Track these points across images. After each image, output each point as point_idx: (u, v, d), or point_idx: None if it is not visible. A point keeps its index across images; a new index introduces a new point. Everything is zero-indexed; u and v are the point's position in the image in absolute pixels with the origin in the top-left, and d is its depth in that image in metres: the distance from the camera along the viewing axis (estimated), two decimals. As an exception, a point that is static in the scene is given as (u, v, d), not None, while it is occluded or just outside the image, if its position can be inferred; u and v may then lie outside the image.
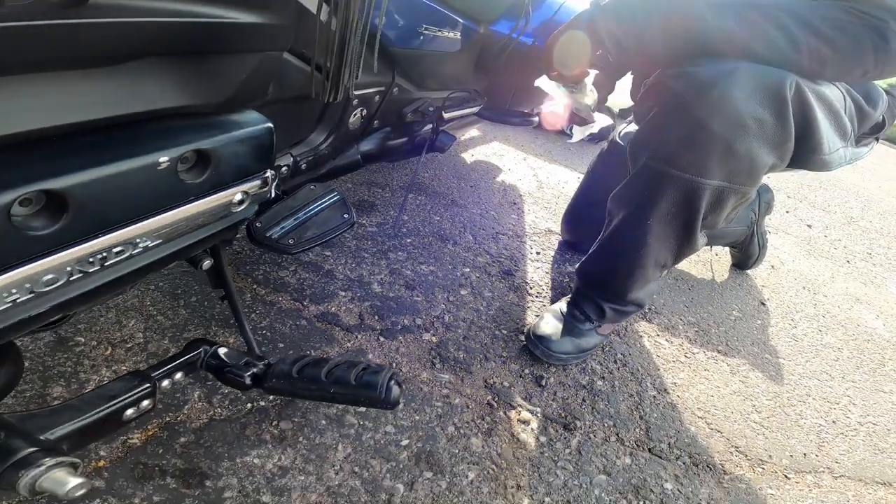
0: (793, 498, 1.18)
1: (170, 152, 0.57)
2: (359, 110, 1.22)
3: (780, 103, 1.02)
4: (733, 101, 1.00)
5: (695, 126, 1.04)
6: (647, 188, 1.16)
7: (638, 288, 1.32)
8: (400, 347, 1.29)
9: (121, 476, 0.89)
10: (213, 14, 0.54)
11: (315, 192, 1.05)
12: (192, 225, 0.66)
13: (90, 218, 0.53)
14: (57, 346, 1.08)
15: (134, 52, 0.51)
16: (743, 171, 1.08)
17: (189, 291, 1.29)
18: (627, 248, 1.26)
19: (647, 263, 1.25)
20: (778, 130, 1.05)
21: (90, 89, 0.50)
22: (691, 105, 1.04)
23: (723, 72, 1.02)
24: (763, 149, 1.06)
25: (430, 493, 0.99)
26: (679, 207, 1.14)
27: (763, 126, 1.03)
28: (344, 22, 0.80)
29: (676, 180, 1.10)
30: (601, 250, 1.34)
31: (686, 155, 1.08)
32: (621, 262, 1.29)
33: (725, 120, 1.02)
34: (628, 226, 1.23)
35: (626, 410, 1.28)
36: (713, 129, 1.02)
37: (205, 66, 0.60)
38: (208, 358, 0.86)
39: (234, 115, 0.69)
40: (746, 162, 1.07)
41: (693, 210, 1.14)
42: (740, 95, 1.00)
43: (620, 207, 1.25)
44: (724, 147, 1.04)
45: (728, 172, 1.08)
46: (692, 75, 1.05)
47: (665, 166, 1.11)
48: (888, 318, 2.18)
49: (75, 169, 0.50)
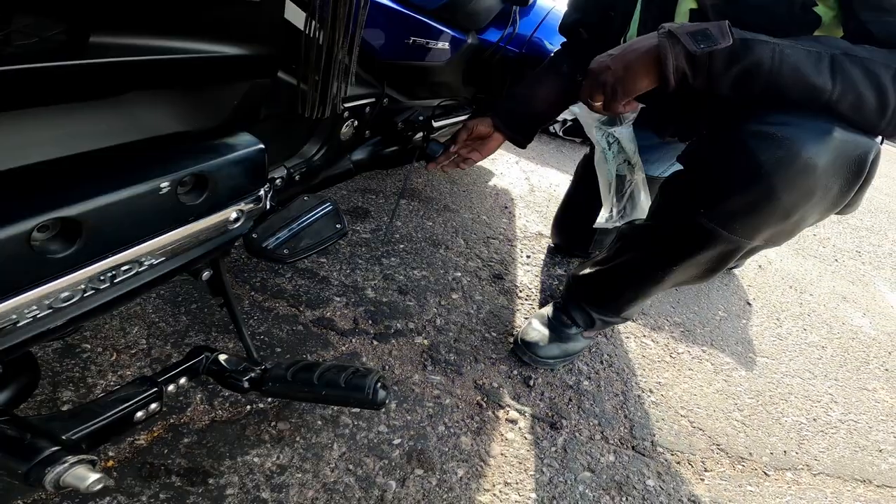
0: (771, 495, 1.22)
1: (170, 177, 0.62)
2: (350, 122, 1.26)
3: (857, 174, 0.94)
4: (816, 172, 0.91)
5: (765, 195, 0.94)
6: (685, 241, 1.10)
7: (634, 307, 1.36)
8: (393, 350, 1.34)
9: (129, 475, 0.94)
10: (204, 50, 0.59)
11: (308, 203, 1.10)
12: (192, 242, 0.71)
13: (101, 240, 0.58)
14: (65, 353, 1.12)
15: (132, 85, 0.56)
16: (785, 234, 1.04)
17: (189, 299, 1.33)
18: (640, 282, 1.25)
19: (653, 294, 1.28)
20: (838, 198, 0.98)
21: (94, 121, 0.55)
22: (769, 174, 0.92)
23: (813, 135, 0.90)
24: (814, 214, 1.00)
25: (421, 490, 1.04)
26: (711, 261, 1.11)
27: (827, 194, 0.95)
28: (330, 38, 0.85)
29: (723, 241, 1.04)
30: (608, 272, 1.31)
31: (744, 220, 1.00)
32: (629, 290, 1.29)
33: (798, 191, 0.93)
34: (650, 265, 1.20)
35: (611, 409, 1.33)
36: (782, 199, 0.94)
37: (199, 95, 0.65)
38: (210, 364, 0.92)
39: (228, 137, 0.74)
40: (793, 226, 1.02)
41: (724, 264, 1.12)
42: (824, 167, 0.91)
43: (643, 244, 1.21)
44: (783, 216, 0.97)
45: (771, 235, 1.03)
46: (777, 139, 0.92)
47: (715, 226, 1.02)
48: (874, 317, 2.22)
49: (87, 197, 0.55)
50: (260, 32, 0.65)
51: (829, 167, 0.91)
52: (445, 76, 1.64)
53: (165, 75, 0.57)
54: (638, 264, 1.23)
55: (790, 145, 0.90)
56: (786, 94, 0.93)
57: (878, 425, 1.53)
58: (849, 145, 0.92)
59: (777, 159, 0.91)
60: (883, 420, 1.56)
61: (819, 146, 0.90)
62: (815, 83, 0.90)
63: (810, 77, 0.90)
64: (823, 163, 0.90)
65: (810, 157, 0.90)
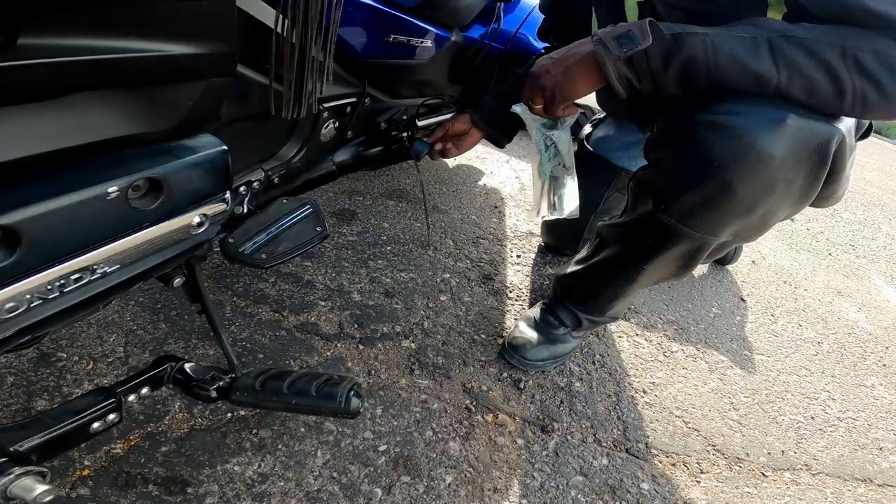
0: (770, 496, 1.19)
1: (118, 182, 0.59)
2: (330, 122, 1.24)
3: (820, 163, 0.90)
4: (772, 163, 0.88)
5: (720, 189, 0.92)
6: (651, 238, 1.09)
7: (619, 306, 1.34)
8: (379, 355, 1.31)
9: (104, 484, 0.92)
10: (147, 49, 0.56)
11: (287, 206, 1.07)
12: (150, 249, 0.68)
13: (44, 249, 0.55)
14: (40, 362, 1.09)
15: (71, 87, 0.53)
16: (753, 229, 1.02)
17: (169, 306, 1.30)
18: (616, 281, 1.24)
19: (633, 292, 1.27)
20: (805, 189, 0.94)
21: (32, 123, 0.52)
22: (722, 165, 0.90)
23: (766, 124, 0.87)
24: (782, 208, 0.97)
25: (408, 497, 1.01)
26: (680, 257, 1.10)
27: (791, 186, 0.92)
28: (303, 36, 0.82)
29: (686, 237, 1.03)
30: (587, 271, 1.31)
31: (702, 215, 0.98)
32: (607, 289, 1.28)
33: (756, 184, 0.90)
34: (621, 263, 1.20)
35: (603, 411, 1.30)
36: (739, 193, 0.91)
37: (149, 96, 0.62)
38: (174, 373, 0.89)
39: (187, 139, 0.71)
40: (760, 221, 0.99)
41: (694, 260, 1.11)
42: (780, 157, 0.87)
43: (615, 242, 1.20)
44: (745, 210, 0.95)
45: (738, 230, 1.01)
46: (727, 129, 0.89)
47: (676, 223, 1.01)
48: (870, 311, 2.21)
49: (26, 203, 0.51)
50: (208, 29, 0.62)
51: (787, 157, 0.88)
52: (429, 74, 1.61)
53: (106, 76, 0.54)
54: (612, 263, 1.22)
55: (741, 135, 0.87)
56: (733, 86, 0.90)
57: (877, 423, 1.51)
58: (806, 133, 0.88)
59: (729, 151, 0.89)
60: (882, 417, 1.53)
61: (772, 135, 0.87)
62: (757, 70, 0.87)
63: (751, 65, 0.87)
64: (780, 153, 0.87)
65: (764, 146, 0.87)
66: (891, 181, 6.31)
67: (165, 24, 0.57)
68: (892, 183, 6.15)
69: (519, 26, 1.77)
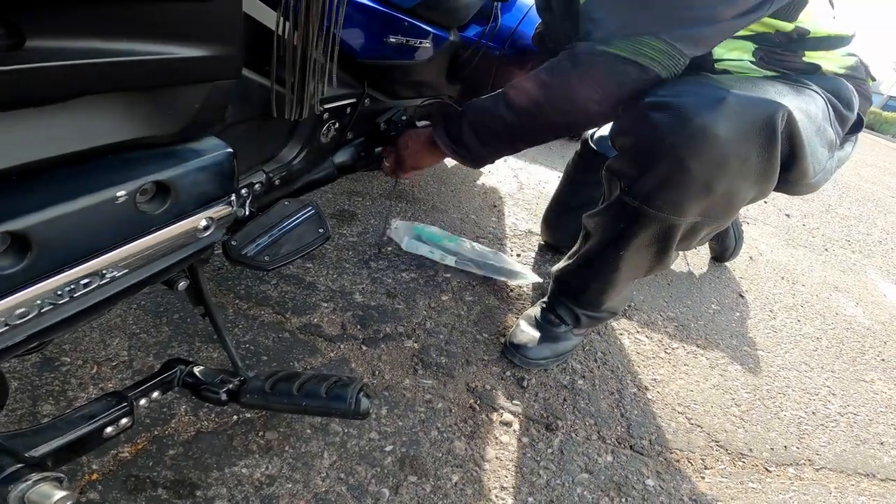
0: (774, 491, 1.20)
1: (127, 186, 0.59)
2: (330, 123, 1.23)
3: (769, 139, 0.94)
4: (718, 140, 0.92)
5: (674, 165, 0.97)
6: (621, 222, 1.13)
7: (611, 300, 1.34)
8: (382, 355, 1.31)
9: (113, 488, 0.91)
10: (155, 51, 0.55)
11: (289, 208, 1.07)
12: (157, 253, 0.67)
13: (54, 254, 0.54)
14: (44, 366, 1.09)
15: (80, 90, 0.53)
16: (720, 208, 1.04)
17: (171, 309, 1.30)
18: (600, 270, 1.26)
19: (619, 283, 1.27)
20: (762, 167, 0.98)
21: (40, 128, 0.52)
22: (672, 142, 0.95)
23: (708, 102, 0.92)
24: (743, 186, 1.00)
25: (416, 497, 1.01)
26: (653, 241, 1.13)
27: (746, 164, 0.96)
28: (305, 38, 0.82)
29: (652, 218, 1.06)
30: (576, 265, 1.33)
31: (662, 195, 1.02)
32: (593, 281, 1.30)
33: (707, 161, 0.94)
34: (602, 251, 1.23)
35: (607, 408, 1.31)
36: (693, 171, 0.95)
37: (156, 99, 0.62)
38: (184, 377, 0.89)
39: (193, 142, 0.71)
40: (724, 200, 1.02)
41: (667, 243, 1.12)
42: (726, 134, 0.92)
43: (595, 231, 1.23)
44: (703, 188, 0.98)
45: (704, 210, 1.04)
46: (675, 107, 0.95)
47: (640, 204, 1.06)
48: (867, 306, 2.22)
49: (35, 209, 0.51)
50: (215, 31, 0.62)
51: (733, 133, 0.92)
52: (427, 74, 1.61)
53: (113, 79, 0.54)
54: (594, 252, 1.26)
55: (686, 113, 0.93)
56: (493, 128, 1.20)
57: (877, 417, 1.51)
58: (748, 109, 0.93)
59: (677, 129, 0.94)
60: (882, 412, 1.54)
61: (715, 112, 0.91)
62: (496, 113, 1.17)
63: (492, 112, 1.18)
64: (724, 129, 0.92)
65: (708, 123, 0.91)
66: (884, 176, 6.34)
67: (173, 27, 0.57)
68: (885, 178, 6.18)
69: (516, 25, 1.77)
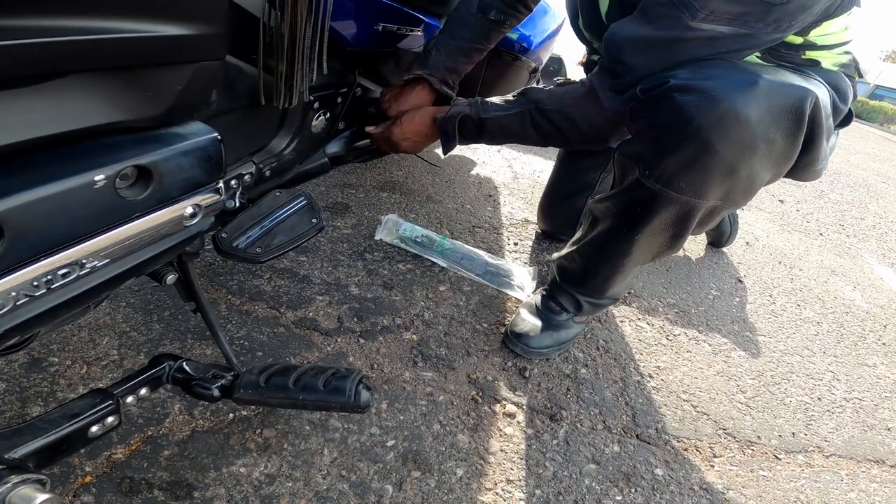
0: (785, 479, 1.18)
1: (105, 170, 0.55)
2: (321, 113, 1.20)
3: (797, 124, 0.95)
4: (749, 122, 0.92)
5: (701, 148, 0.95)
6: (639, 206, 1.10)
7: (616, 285, 1.31)
8: (381, 348, 1.28)
9: (108, 491, 0.88)
10: (136, 29, 0.52)
11: (280, 199, 1.03)
12: (142, 241, 0.64)
13: (28, 242, 0.51)
14: (32, 367, 1.05)
15: (53, 71, 0.49)
16: (740, 191, 1.03)
17: (162, 306, 1.26)
18: (611, 256, 1.23)
19: (628, 268, 1.25)
20: (786, 150, 0.98)
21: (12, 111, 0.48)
22: (700, 125, 0.93)
23: (739, 86, 0.92)
24: (765, 169, 1.01)
25: (420, 493, 0.98)
26: (670, 224, 1.10)
27: (772, 147, 0.96)
28: (292, 25, 0.78)
29: (673, 201, 1.04)
30: (581, 252, 1.30)
31: (686, 177, 1.00)
32: (603, 266, 1.26)
33: (736, 143, 0.94)
34: (614, 237, 1.20)
35: (611, 397, 1.28)
36: (720, 153, 0.94)
37: (135, 80, 0.58)
38: (173, 372, 0.85)
39: (177, 127, 0.67)
40: (746, 183, 1.01)
41: (685, 227, 1.10)
42: (756, 116, 0.92)
43: (606, 217, 1.20)
44: (728, 170, 0.97)
45: (725, 193, 1.03)
46: (703, 90, 0.93)
47: (662, 187, 1.03)
48: (865, 290, 2.21)
49: (6, 194, 0.48)
50: (199, 8, 0.58)
51: (763, 116, 0.92)
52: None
53: (88, 59, 0.50)
54: (606, 238, 1.22)
55: (716, 96, 0.92)
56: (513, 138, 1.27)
57: (882, 402, 1.50)
58: (779, 93, 0.93)
59: (706, 111, 0.92)
60: (887, 397, 1.53)
61: (746, 95, 0.91)
62: (525, 135, 1.23)
63: (517, 132, 1.24)
64: (755, 112, 0.91)
65: (739, 106, 0.91)
66: (874, 163, 6.38)
67: (155, 3, 0.54)
68: (876, 164, 6.22)
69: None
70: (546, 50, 2.04)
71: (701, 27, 0.96)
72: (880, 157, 7.23)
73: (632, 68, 1.05)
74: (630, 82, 1.06)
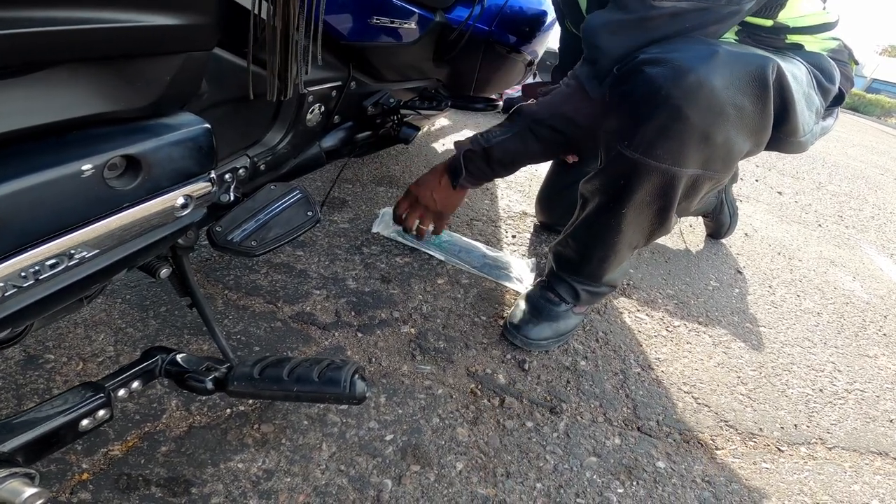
0: (788, 471, 1.17)
1: (94, 159, 0.55)
2: (316, 106, 1.19)
3: (762, 89, 1.00)
4: (713, 88, 0.97)
5: (672, 115, 1.00)
6: (622, 177, 1.12)
7: (612, 270, 1.31)
8: (378, 342, 1.27)
9: (105, 488, 0.87)
10: (122, 19, 0.51)
11: (275, 192, 1.02)
12: (132, 232, 0.63)
13: (14, 232, 0.50)
14: (27, 365, 1.04)
15: (41, 61, 0.49)
16: (719, 158, 1.06)
17: (158, 302, 1.25)
18: (602, 234, 1.23)
19: (621, 248, 1.24)
20: (757, 117, 1.03)
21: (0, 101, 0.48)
22: (668, 93, 0.99)
23: (701, 56, 0.98)
24: (741, 136, 1.04)
25: (419, 487, 0.97)
26: (654, 196, 1.12)
27: (742, 113, 1.01)
28: (285, 17, 0.77)
29: (653, 170, 1.07)
30: (574, 235, 1.31)
31: (663, 145, 1.04)
32: (596, 248, 1.26)
33: (704, 108, 0.99)
34: (603, 214, 1.21)
35: (611, 389, 1.27)
36: (691, 118, 0.99)
37: (124, 70, 0.57)
38: (166, 365, 0.84)
39: (167, 118, 0.66)
40: (723, 150, 1.05)
41: (669, 198, 1.12)
42: (721, 82, 0.98)
43: (594, 195, 1.22)
44: (702, 136, 1.01)
45: (704, 161, 1.06)
46: (669, 61, 1.00)
47: (641, 156, 1.07)
48: (865, 280, 2.21)
49: None
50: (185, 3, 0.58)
51: (728, 83, 0.98)
52: (414, 57, 1.56)
53: (75, 49, 0.49)
54: (595, 216, 1.24)
55: (681, 66, 0.98)
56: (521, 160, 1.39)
57: (884, 394, 1.49)
58: (739, 61, 1.00)
59: (673, 80, 0.98)
60: (889, 388, 1.52)
61: (709, 64, 0.97)
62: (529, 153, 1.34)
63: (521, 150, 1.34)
64: (719, 80, 0.97)
65: (703, 74, 0.97)
66: (872, 155, 6.38)
67: None
68: (872, 157, 6.22)
69: (503, 6, 1.73)
70: (541, 43, 2.03)
71: (663, 5, 1.04)
72: (878, 150, 7.22)
73: (606, 52, 1.12)
74: (607, 67, 1.12)
